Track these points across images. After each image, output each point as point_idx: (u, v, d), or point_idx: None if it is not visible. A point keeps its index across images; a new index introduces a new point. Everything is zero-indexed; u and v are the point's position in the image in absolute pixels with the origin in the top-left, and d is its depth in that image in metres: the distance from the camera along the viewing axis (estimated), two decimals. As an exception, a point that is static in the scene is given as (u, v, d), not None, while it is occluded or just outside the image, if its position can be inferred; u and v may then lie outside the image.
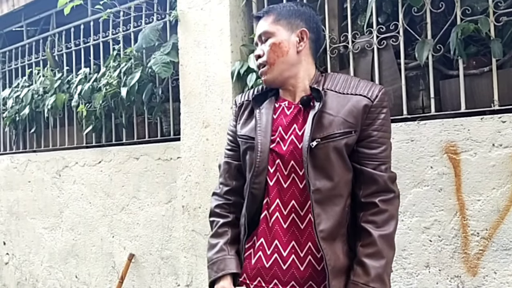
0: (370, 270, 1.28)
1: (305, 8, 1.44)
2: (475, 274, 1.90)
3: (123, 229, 3.17)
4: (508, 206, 1.83)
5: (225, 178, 1.51)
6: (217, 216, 1.48)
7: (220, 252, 1.42)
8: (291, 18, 1.41)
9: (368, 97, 1.34)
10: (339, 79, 1.41)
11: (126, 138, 3.28)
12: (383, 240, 1.30)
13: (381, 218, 1.31)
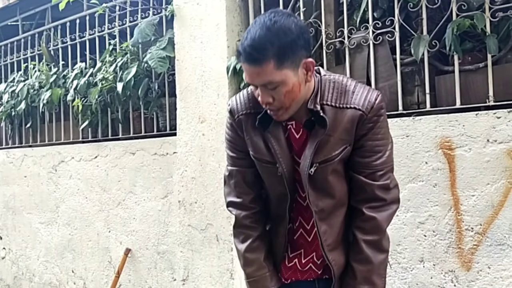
0: (357, 274, 1.37)
1: (293, 24, 1.24)
2: (469, 269, 1.92)
3: (120, 224, 3.18)
4: (502, 201, 1.84)
5: (243, 188, 1.45)
6: (247, 228, 1.45)
7: (262, 270, 1.44)
8: (292, 54, 1.23)
9: (363, 110, 1.30)
10: (336, 88, 1.33)
11: (122, 133, 3.28)
12: (370, 246, 1.36)
13: (368, 225, 1.36)
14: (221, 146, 2.56)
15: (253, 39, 1.21)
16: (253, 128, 1.38)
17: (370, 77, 2.24)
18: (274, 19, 1.23)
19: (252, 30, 1.23)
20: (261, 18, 1.25)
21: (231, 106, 1.43)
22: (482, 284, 1.88)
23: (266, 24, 1.22)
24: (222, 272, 2.52)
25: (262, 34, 1.21)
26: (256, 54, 1.21)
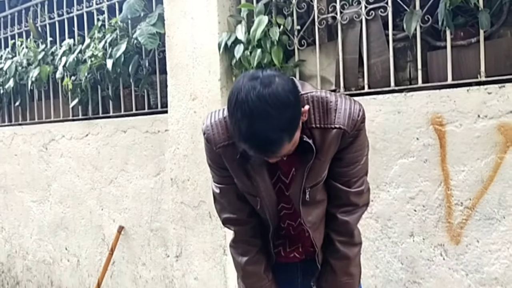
0: (336, 270, 1.44)
1: (286, 87, 1.16)
2: (458, 243, 1.95)
3: (112, 202, 3.18)
4: (492, 176, 1.86)
5: (236, 204, 1.43)
6: (247, 243, 1.45)
7: (262, 281, 1.47)
8: (299, 120, 1.20)
9: (346, 129, 1.29)
10: (319, 107, 1.28)
11: (113, 110, 3.25)
12: (345, 244, 1.43)
13: (342, 228, 1.42)
14: (213, 123, 2.55)
15: (264, 136, 1.13)
16: (233, 160, 1.32)
17: (362, 53, 2.23)
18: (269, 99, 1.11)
19: (255, 123, 1.12)
20: (252, 99, 1.11)
21: (206, 135, 1.35)
22: (470, 258, 1.92)
23: (267, 111, 1.11)
24: (215, 248, 2.55)
25: (270, 125, 1.12)
26: (272, 148, 1.17)
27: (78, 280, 3.41)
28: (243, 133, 1.14)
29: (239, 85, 1.16)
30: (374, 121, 2.13)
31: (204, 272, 2.59)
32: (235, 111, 1.14)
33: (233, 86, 1.20)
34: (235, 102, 1.14)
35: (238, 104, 1.13)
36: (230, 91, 1.19)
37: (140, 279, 3.04)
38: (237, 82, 1.19)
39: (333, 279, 1.44)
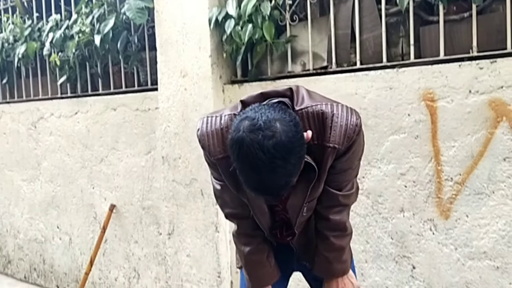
0: (331, 259, 1.45)
1: (287, 119, 1.14)
2: (447, 218, 1.97)
3: (103, 180, 3.17)
4: (482, 151, 1.87)
5: (238, 200, 1.40)
6: (249, 236, 1.46)
7: (264, 268, 1.48)
8: (303, 158, 1.18)
9: (339, 148, 1.27)
10: (315, 124, 1.26)
11: (102, 88, 3.21)
12: (339, 237, 1.43)
13: (335, 226, 1.42)
14: (204, 101, 2.53)
15: (272, 185, 1.13)
16: (227, 171, 1.30)
17: (354, 28, 2.20)
18: (274, 151, 1.09)
19: (263, 176, 1.11)
20: (257, 154, 1.09)
21: (202, 143, 1.33)
22: (459, 232, 1.94)
23: (274, 162, 1.09)
24: (207, 226, 2.56)
25: (277, 174, 1.12)
26: (279, 192, 1.18)
27: (70, 258, 3.42)
28: (251, 183, 1.15)
29: (240, 137, 1.12)
30: (366, 97, 2.12)
31: (197, 249, 2.60)
32: (239, 163, 1.13)
33: (232, 133, 1.15)
34: (238, 155, 1.12)
35: (242, 157, 1.12)
36: (231, 138, 1.15)
37: (133, 256, 3.05)
38: (235, 129, 1.13)
39: (328, 267, 1.47)
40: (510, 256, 1.84)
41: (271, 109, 1.15)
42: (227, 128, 1.28)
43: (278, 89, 1.33)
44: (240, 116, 1.17)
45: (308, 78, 2.30)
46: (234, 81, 2.58)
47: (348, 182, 1.39)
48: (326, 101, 1.30)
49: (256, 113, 1.14)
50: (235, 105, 1.34)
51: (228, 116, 1.31)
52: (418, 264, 2.04)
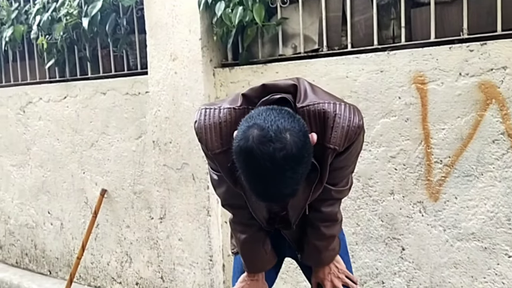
0: (321, 248, 1.46)
1: (297, 127, 1.10)
2: (436, 200, 1.99)
3: (94, 165, 3.15)
4: (471, 134, 1.88)
5: (235, 191, 1.37)
6: (246, 225, 1.45)
7: (260, 254, 1.48)
8: (309, 164, 1.15)
9: (339, 149, 1.25)
10: (317, 123, 1.23)
11: (91, 72, 3.17)
12: (329, 227, 1.43)
13: (327, 217, 1.41)
14: (194, 84, 2.51)
15: (279, 194, 1.12)
16: (225, 166, 1.28)
17: (345, 11, 2.19)
18: (285, 163, 1.06)
19: (272, 186, 1.10)
20: (267, 166, 1.06)
21: (199, 136, 1.29)
22: (448, 214, 1.97)
23: (283, 174, 1.08)
24: (199, 210, 2.56)
25: (285, 184, 1.10)
26: (286, 199, 1.17)
27: (62, 243, 3.42)
28: (257, 191, 1.13)
29: (249, 147, 1.07)
30: (357, 80, 2.12)
31: (189, 233, 2.61)
32: (247, 172, 1.11)
33: (240, 140, 1.10)
34: (246, 164, 1.10)
35: (250, 167, 1.10)
36: (238, 146, 1.10)
37: (125, 241, 3.06)
38: (244, 138, 1.09)
39: (317, 256, 1.48)
40: (497, 237, 1.87)
41: (280, 116, 1.10)
42: (225, 122, 1.25)
43: (281, 83, 1.28)
44: (247, 122, 1.11)
45: (299, 61, 2.29)
46: (224, 65, 2.57)
47: (344, 178, 1.37)
48: (329, 99, 1.26)
49: (266, 121, 1.08)
50: (235, 98, 1.30)
51: (227, 110, 1.26)
52: (408, 246, 2.07)
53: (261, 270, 1.53)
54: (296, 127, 1.09)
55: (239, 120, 1.22)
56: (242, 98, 1.27)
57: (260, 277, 1.53)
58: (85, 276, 3.29)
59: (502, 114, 1.81)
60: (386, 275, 2.13)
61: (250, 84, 2.42)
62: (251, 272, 1.52)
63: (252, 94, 1.27)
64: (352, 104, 1.29)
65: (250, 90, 1.28)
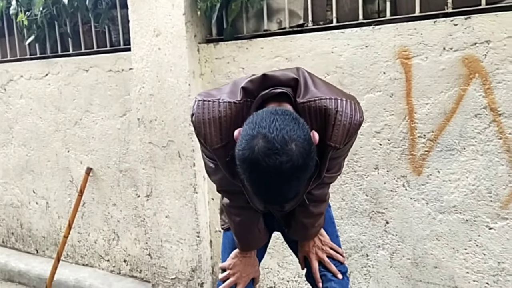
0: (308, 226, 1.48)
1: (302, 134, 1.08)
2: (420, 174, 2.02)
3: (78, 143, 3.12)
4: (454, 108, 1.90)
5: (231, 179, 1.39)
6: (241, 208, 1.44)
7: (253, 233, 1.49)
8: (314, 164, 1.13)
9: (339, 147, 1.24)
10: (317, 120, 1.21)
11: (72, 48, 3.10)
12: (318, 205, 1.44)
13: (316, 198, 1.42)
14: (179, 60, 2.47)
15: (284, 199, 1.12)
16: (225, 161, 1.27)
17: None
18: (291, 173, 1.06)
19: (277, 194, 1.09)
20: (273, 176, 1.05)
21: (197, 130, 1.26)
22: (431, 187, 2.00)
23: (288, 183, 1.07)
24: (185, 187, 2.56)
25: (290, 191, 1.10)
26: (290, 203, 1.17)
27: (48, 222, 3.40)
28: (260, 196, 1.13)
29: (255, 159, 1.05)
30: (342, 56, 2.11)
31: (175, 210, 2.62)
32: (251, 180, 1.09)
33: (244, 150, 1.07)
34: (251, 174, 1.08)
35: (256, 177, 1.08)
36: (243, 156, 1.07)
37: (112, 219, 3.06)
38: (249, 148, 1.06)
39: (304, 232, 1.50)
40: (478, 210, 1.91)
41: (285, 124, 1.07)
42: (225, 117, 1.22)
43: (281, 75, 1.25)
44: (250, 129, 1.08)
45: (284, 36, 2.27)
46: (209, 40, 2.53)
47: (337, 165, 1.38)
48: (330, 94, 1.23)
49: (271, 130, 1.05)
50: (233, 90, 1.26)
51: (227, 104, 1.23)
52: (391, 219, 2.11)
53: (255, 248, 1.55)
54: (301, 136, 1.07)
55: (239, 114, 1.22)
56: (242, 91, 1.24)
57: (252, 253, 1.55)
58: (72, 255, 3.29)
59: (485, 88, 1.83)
60: (370, 248, 2.18)
61: (235, 60, 2.40)
62: (245, 251, 1.54)
63: (252, 87, 1.24)
64: (353, 98, 1.27)
65: (250, 83, 1.24)
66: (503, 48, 1.78)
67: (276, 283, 2.47)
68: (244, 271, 1.54)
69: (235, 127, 1.20)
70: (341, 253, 1.56)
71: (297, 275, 2.39)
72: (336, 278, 1.51)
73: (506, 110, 1.81)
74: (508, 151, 1.82)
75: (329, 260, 1.53)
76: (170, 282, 2.70)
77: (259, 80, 1.24)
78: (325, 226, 1.54)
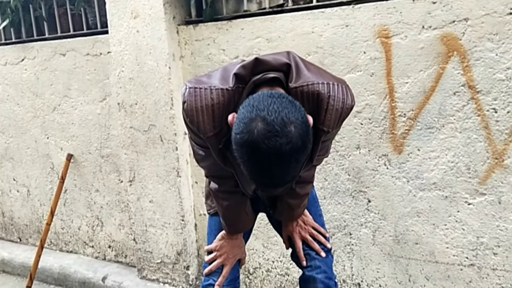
0: (294, 207, 1.49)
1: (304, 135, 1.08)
2: (400, 152, 2.04)
3: (58, 129, 3.07)
4: (433, 86, 1.91)
5: (220, 165, 1.37)
6: (229, 193, 1.45)
7: (241, 216, 1.50)
8: (311, 145, 1.12)
9: (333, 130, 1.25)
10: (310, 104, 1.21)
11: (48, 32, 3.02)
12: (304, 186, 1.45)
13: (302, 179, 1.41)
14: (158, 43, 2.43)
15: (281, 182, 1.10)
16: (218, 148, 1.27)
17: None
18: (290, 156, 1.05)
19: (275, 177, 1.08)
20: (272, 159, 1.05)
21: (190, 119, 1.25)
22: (411, 165, 2.03)
23: (288, 165, 1.06)
24: (168, 171, 2.55)
25: (288, 174, 1.09)
26: (286, 186, 1.13)
27: (30, 210, 3.36)
28: (258, 180, 1.11)
29: (254, 141, 1.04)
30: (323, 36, 2.10)
31: (159, 195, 2.61)
32: (249, 164, 1.08)
33: (242, 133, 1.06)
34: (249, 157, 1.06)
35: (255, 161, 1.07)
36: (241, 139, 1.06)
37: (95, 205, 3.03)
38: (248, 131, 1.05)
39: (289, 213, 1.51)
40: (457, 186, 1.95)
41: (283, 106, 1.07)
42: (218, 104, 1.21)
43: (273, 60, 1.24)
44: (248, 112, 1.07)
45: (264, 17, 2.25)
46: (188, 22, 2.49)
47: (324, 147, 1.38)
48: (322, 78, 1.23)
49: (269, 113, 1.05)
50: (225, 76, 1.25)
51: (220, 91, 1.21)
52: (373, 198, 2.14)
53: (242, 230, 1.56)
54: (299, 118, 1.07)
55: (231, 100, 1.21)
56: (234, 77, 1.22)
57: (239, 235, 1.56)
58: (56, 242, 3.27)
59: (463, 66, 1.85)
60: (353, 227, 2.21)
61: (215, 42, 2.37)
62: (232, 234, 1.54)
63: (244, 73, 1.23)
64: (343, 82, 1.27)
65: (242, 68, 1.23)
66: (481, 26, 1.80)
67: (261, 264, 2.49)
68: (230, 252, 1.55)
69: (227, 114, 1.19)
70: (324, 233, 1.57)
71: (282, 255, 2.41)
72: (320, 257, 1.53)
73: (483, 88, 1.83)
74: (486, 128, 1.85)
75: (312, 239, 1.55)
76: (156, 266, 2.70)
77: (251, 65, 1.23)
78: (308, 206, 1.56)
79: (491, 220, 1.90)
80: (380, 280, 2.18)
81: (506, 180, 1.85)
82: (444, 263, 2.02)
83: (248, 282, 2.55)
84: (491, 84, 1.82)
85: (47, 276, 3.05)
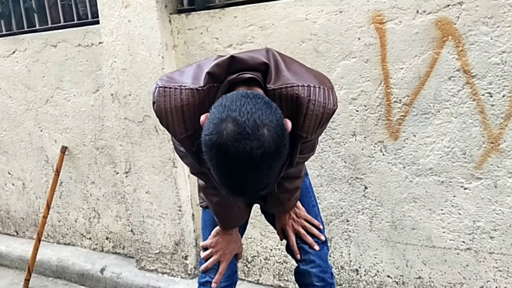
0: (284, 201, 1.47)
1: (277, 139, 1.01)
2: (396, 138, 2.04)
3: (51, 122, 3.04)
4: (428, 72, 1.91)
5: None
6: (217, 189, 1.36)
7: (233, 211, 1.46)
8: (287, 151, 1.06)
9: (312, 136, 1.20)
10: (289, 107, 1.15)
11: (39, 24, 2.98)
12: (294, 181, 1.42)
13: (291, 174, 1.39)
14: (150, 32, 2.41)
15: (254, 190, 1.03)
16: (192, 150, 1.20)
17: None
18: (262, 161, 0.98)
19: (247, 185, 1.02)
20: (243, 163, 0.98)
21: (160, 120, 1.19)
22: (407, 151, 2.03)
23: (260, 172, 1.00)
24: (164, 162, 2.54)
25: (261, 181, 1.02)
26: (259, 193, 1.07)
27: (26, 203, 3.35)
28: (228, 186, 1.04)
29: (223, 144, 0.97)
30: (317, 22, 2.08)
31: (155, 186, 2.60)
32: (219, 168, 1.01)
33: (211, 134, 0.99)
34: (218, 161, 1.00)
35: (224, 165, 1.00)
36: (210, 140, 1.00)
37: (91, 197, 3.02)
38: (217, 132, 0.98)
39: (279, 207, 1.49)
40: (453, 171, 1.95)
41: (256, 107, 1.00)
42: (188, 105, 1.14)
43: (250, 59, 1.17)
44: (219, 112, 1.00)
45: (257, 4, 2.22)
46: (180, 10, 2.46)
47: (308, 147, 1.33)
48: (303, 81, 1.16)
49: (241, 114, 0.98)
50: (197, 75, 1.18)
51: (190, 91, 1.15)
52: (370, 184, 2.14)
53: (236, 225, 1.52)
54: (274, 121, 1.00)
55: (204, 100, 1.14)
56: (207, 76, 1.15)
57: (234, 230, 1.53)
58: (53, 234, 3.27)
59: (458, 50, 1.84)
60: (350, 214, 2.21)
61: (208, 30, 2.35)
62: (226, 229, 1.51)
63: (218, 71, 1.16)
64: (327, 83, 1.20)
65: (216, 67, 1.16)
66: (475, 9, 1.78)
67: (260, 252, 2.50)
68: (226, 248, 1.51)
69: (200, 114, 1.11)
70: (317, 225, 1.53)
71: (280, 244, 2.42)
72: (313, 250, 1.50)
73: (479, 72, 1.83)
74: (481, 112, 1.85)
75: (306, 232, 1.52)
76: (154, 257, 2.71)
77: (226, 63, 1.17)
78: (301, 197, 1.52)
79: (487, 204, 1.91)
80: (377, 265, 2.19)
81: (502, 164, 1.86)
82: (441, 247, 2.03)
83: (246, 271, 2.56)
84: (486, 68, 1.81)
85: (45, 268, 3.06)
